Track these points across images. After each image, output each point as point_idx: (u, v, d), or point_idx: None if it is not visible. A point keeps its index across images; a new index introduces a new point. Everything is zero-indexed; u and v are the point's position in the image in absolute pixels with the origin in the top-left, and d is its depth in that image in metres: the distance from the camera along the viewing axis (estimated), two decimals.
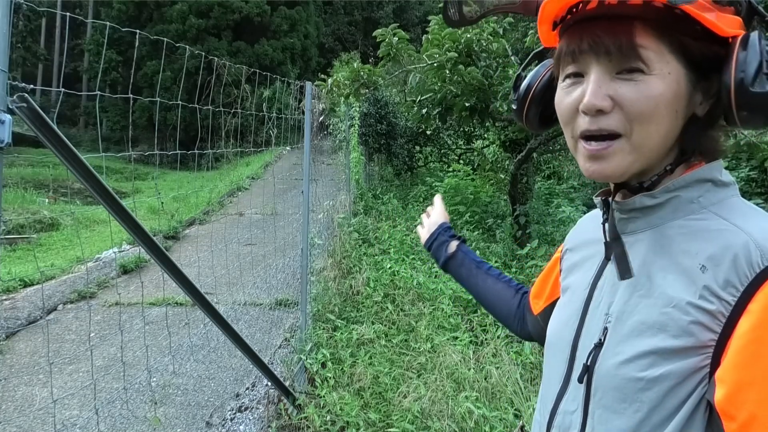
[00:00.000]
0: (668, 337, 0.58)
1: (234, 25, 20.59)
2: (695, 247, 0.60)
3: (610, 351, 0.63)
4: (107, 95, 1.96)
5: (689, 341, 0.57)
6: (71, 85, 27.46)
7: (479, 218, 6.42)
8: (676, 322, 0.58)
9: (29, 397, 3.27)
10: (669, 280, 0.61)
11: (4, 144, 1.13)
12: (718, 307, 0.56)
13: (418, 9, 29.45)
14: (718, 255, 0.58)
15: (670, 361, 0.58)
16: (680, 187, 0.63)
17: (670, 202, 0.64)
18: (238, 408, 3.13)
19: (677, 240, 0.62)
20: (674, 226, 0.64)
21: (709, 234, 0.60)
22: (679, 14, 0.58)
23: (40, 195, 11.03)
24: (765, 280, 0.54)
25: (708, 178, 0.63)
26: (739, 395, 0.53)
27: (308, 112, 3.46)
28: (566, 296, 0.79)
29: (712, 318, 0.56)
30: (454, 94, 4.89)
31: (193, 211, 8.76)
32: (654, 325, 0.60)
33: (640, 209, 0.66)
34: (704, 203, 0.63)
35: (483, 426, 2.56)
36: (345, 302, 4.20)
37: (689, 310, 0.57)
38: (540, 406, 0.78)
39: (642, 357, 0.60)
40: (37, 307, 4.65)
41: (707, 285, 0.57)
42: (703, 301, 0.57)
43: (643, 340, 0.60)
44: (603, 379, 0.64)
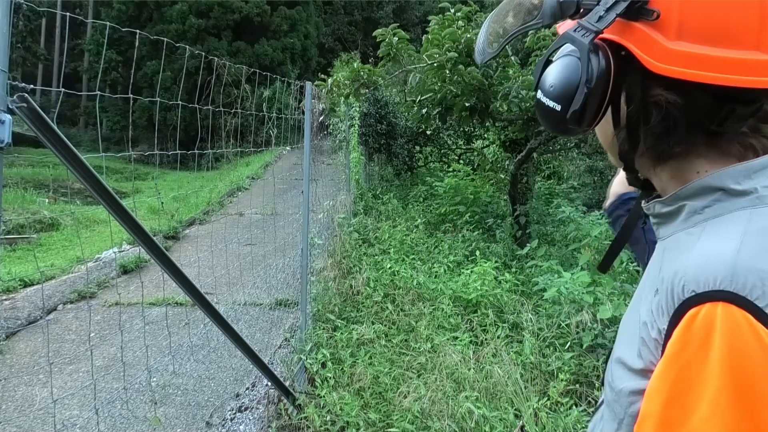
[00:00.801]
0: (633, 354, 0.58)
1: (234, 25, 20.59)
2: (666, 265, 0.58)
3: (610, 359, 0.65)
4: (107, 95, 1.97)
5: (640, 363, 0.56)
6: (71, 85, 27.45)
7: (479, 218, 6.42)
8: (637, 342, 0.57)
9: (29, 397, 3.27)
10: (645, 297, 0.60)
11: (4, 144, 1.13)
12: (656, 335, 0.54)
13: (418, 9, 29.45)
14: (665, 278, 0.55)
15: (631, 379, 0.57)
16: (687, 196, 0.59)
17: (681, 211, 0.60)
18: (238, 408, 3.13)
19: (668, 255, 0.60)
20: (675, 238, 0.60)
21: (676, 253, 0.58)
22: None
23: (40, 195, 11.03)
24: (682, 315, 0.51)
25: (717, 186, 0.56)
26: (640, 427, 0.52)
27: (308, 112, 3.46)
28: None
29: (654, 344, 0.55)
30: (454, 94, 4.89)
31: (193, 211, 8.76)
32: (630, 339, 0.60)
33: (658, 215, 0.64)
34: (709, 215, 0.57)
35: (483, 426, 2.56)
36: (345, 302, 4.20)
37: (642, 333, 0.57)
38: None
39: (615, 368, 0.61)
40: (37, 307, 4.65)
41: (652, 310, 0.56)
42: (650, 325, 0.56)
43: (619, 354, 0.61)
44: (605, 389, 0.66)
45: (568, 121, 0.58)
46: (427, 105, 5.52)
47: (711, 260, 0.51)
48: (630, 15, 0.55)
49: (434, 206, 7.05)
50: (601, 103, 0.57)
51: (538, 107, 0.62)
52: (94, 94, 1.75)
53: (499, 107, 4.75)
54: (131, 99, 2.04)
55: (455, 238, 5.75)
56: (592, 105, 0.56)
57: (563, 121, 0.58)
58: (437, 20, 4.91)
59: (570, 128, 0.59)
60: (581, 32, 0.57)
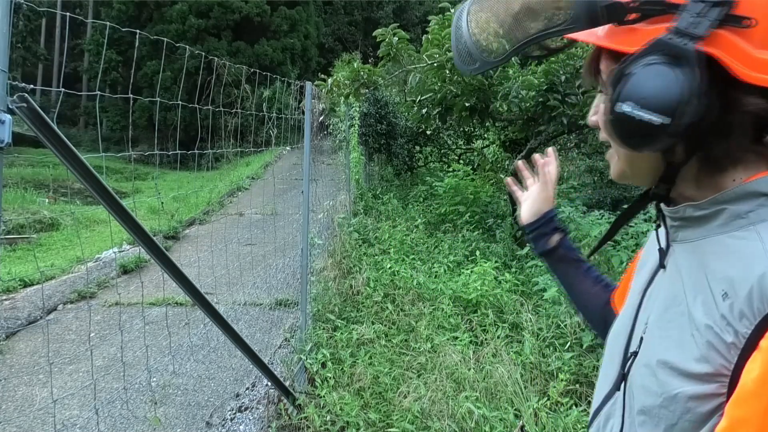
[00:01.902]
0: (689, 359, 0.57)
1: (234, 25, 20.60)
2: (722, 269, 0.58)
3: (641, 362, 0.64)
4: (107, 95, 1.97)
5: (706, 367, 0.55)
6: (71, 85, 27.46)
7: (479, 218, 6.42)
8: (698, 346, 0.56)
9: (29, 397, 3.27)
10: (698, 301, 0.59)
11: (4, 144, 1.13)
12: (733, 339, 0.54)
13: (418, 9, 29.45)
14: (737, 282, 0.55)
15: (688, 383, 0.57)
16: (729, 200, 0.59)
17: (719, 215, 0.60)
18: (238, 408, 3.13)
19: (713, 258, 0.60)
20: (715, 242, 0.60)
21: (739, 257, 0.57)
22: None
23: (40, 195, 11.04)
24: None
25: (763, 191, 0.58)
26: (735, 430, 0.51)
27: (308, 112, 3.47)
28: (626, 301, 0.79)
29: (727, 348, 0.54)
30: (454, 94, 4.89)
31: (193, 211, 8.76)
32: (679, 344, 0.59)
33: (688, 219, 0.64)
34: (754, 219, 0.58)
35: (483, 426, 2.56)
36: (345, 302, 4.19)
37: (708, 336, 0.56)
38: (593, 402, 0.79)
39: (662, 372, 0.59)
40: (37, 307, 4.65)
41: (724, 314, 0.55)
42: (720, 330, 0.55)
43: (666, 357, 0.60)
44: (633, 390, 0.64)
45: (668, 134, 0.54)
46: (427, 105, 5.52)
47: None
48: (718, 22, 0.53)
49: (434, 206, 7.05)
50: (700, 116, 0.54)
51: (619, 121, 0.56)
52: (94, 94, 1.75)
53: (499, 107, 4.75)
54: (131, 99, 2.04)
55: (455, 238, 5.75)
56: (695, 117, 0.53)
57: (660, 135, 0.55)
58: (437, 20, 4.91)
59: (663, 141, 0.56)
60: (679, 39, 0.53)
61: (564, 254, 1.01)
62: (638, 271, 0.80)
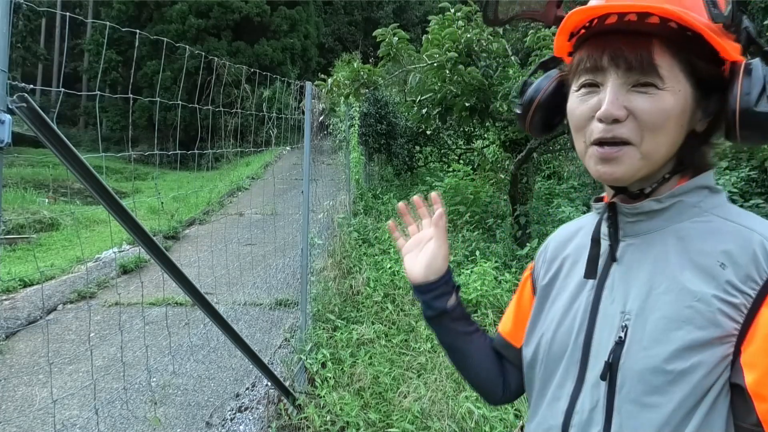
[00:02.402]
0: (694, 329, 0.63)
1: (234, 25, 20.59)
2: (709, 246, 0.66)
3: (635, 347, 0.66)
4: (107, 95, 1.97)
5: (716, 332, 0.62)
6: (71, 85, 27.46)
7: (479, 218, 6.42)
8: (703, 315, 0.63)
9: (29, 397, 3.27)
10: (688, 277, 0.66)
11: (4, 144, 1.13)
12: (741, 300, 0.62)
13: (418, 9, 29.44)
14: (736, 252, 0.64)
15: (698, 352, 0.62)
16: (683, 193, 0.70)
17: (674, 207, 0.70)
18: (238, 408, 3.13)
19: (688, 240, 0.68)
20: (683, 228, 0.70)
21: (721, 234, 0.67)
22: (691, 36, 0.64)
23: (40, 195, 11.04)
24: None
25: (705, 185, 0.71)
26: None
27: (308, 112, 3.47)
28: (561, 302, 0.80)
29: (735, 309, 0.62)
30: (454, 94, 4.89)
31: (193, 211, 8.76)
32: (679, 318, 0.64)
33: (647, 213, 0.71)
34: (705, 207, 0.70)
35: (483, 426, 2.56)
36: (345, 302, 4.19)
37: (714, 303, 0.63)
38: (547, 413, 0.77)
39: (670, 350, 0.63)
40: (37, 307, 4.65)
41: (729, 280, 0.63)
42: (727, 294, 0.62)
43: (669, 335, 0.64)
44: (629, 375, 0.66)
45: None
46: (427, 105, 5.52)
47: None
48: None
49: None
50: None
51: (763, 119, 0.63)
52: (94, 94, 1.75)
53: (499, 107, 4.75)
54: (131, 99, 2.04)
55: (455, 238, 5.75)
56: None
57: None
58: (437, 20, 4.91)
59: None
60: None
61: (461, 311, 0.93)
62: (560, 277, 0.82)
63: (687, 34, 0.64)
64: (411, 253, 0.94)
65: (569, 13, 0.69)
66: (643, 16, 0.64)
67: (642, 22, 0.64)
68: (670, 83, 0.65)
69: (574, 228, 0.87)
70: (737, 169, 6.94)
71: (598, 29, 0.68)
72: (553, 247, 0.88)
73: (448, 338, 0.94)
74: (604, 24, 0.67)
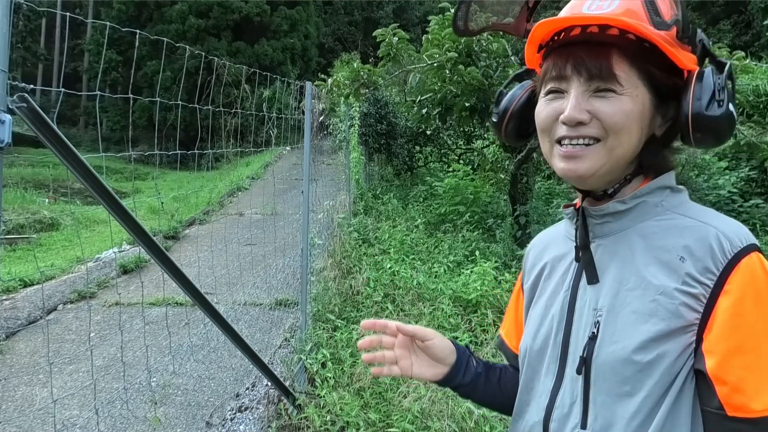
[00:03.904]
0: (659, 321, 0.67)
1: (234, 25, 20.59)
2: (670, 242, 0.71)
3: (607, 341, 0.71)
4: (107, 95, 1.97)
5: (678, 322, 0.66)
6: (71, 85, 27.45)
7: (479, 218, 6.42)
8: (666, 307, 0.67)
9: (29, 397, 3.27)
10: (652, 272, 0.70)
11: (4, 144, 1.13)
12: (700, 290, 0.66)
13: (418, 9, 29.44)
14: (694, 246, 0.68)
15: (663, 343, 0.67)
16: (646, 194, 0.74)
17: (638, 207, 0.74)
18: (238, 408, 3.13)
19: (653, 238, 0.72)
20: (647, 226, 0.74)
21: (681, 230, 0.71)
22: (648, 47, 0.69)
23: (40, 195, 11.04)
24: (736, 265, 0.65)
25: (667, 185, 0.75)
26: (728, 362, 0.63)
27: (308, 112, 3.46)
28: (541, 304, 0.85)
29: (695, 300, 0.66)
30: (454, 94, 4.89)
31: (193, 211, 8.76)
32: (645, 312, 0.68)
33: (613, 214, 0.75)
34: (667, 206, 0.74)
35: (483, 426, 2.56)
36: (345, 302, 4.19)
37: (676, 295, 0.67)
38: (530, 410, 0.82)
39: (638, 342, 0.68)
40: (37, 307, 4.65)
41: (689, 272, 0.67)
42: (687, 286, 0.67)
43: (637, 328, 0.69)
44: (602, 368, 0.71)
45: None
46: (427, 105, 5.52)
47: (733, 226, 0.69)
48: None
49: (434, 206, 7.05)
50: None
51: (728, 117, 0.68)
52: (94, 94, 1.75)
53: None
54: (131, 99, 2.04)
55: (455, 238, 5.75)
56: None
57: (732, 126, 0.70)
58: (437, 20, 4.91)
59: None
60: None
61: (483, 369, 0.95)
62: (541, 281, 0.87)
63: (645, 45, 0.69)
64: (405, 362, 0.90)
65: (536, 25, 0.73)
66: (604, 28, 0.70)
67: (603, 34, 0.70)
68: (629, 89, 0.70)
69: (552, 234, 0.92)
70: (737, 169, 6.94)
71: (564, 41, 0.73)
72: (533, 255, 0.94)
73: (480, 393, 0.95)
74: (569, 36, 0.72)
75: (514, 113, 0.86)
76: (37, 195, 10.94)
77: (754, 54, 17.15)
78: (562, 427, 0.75)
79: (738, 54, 4.62)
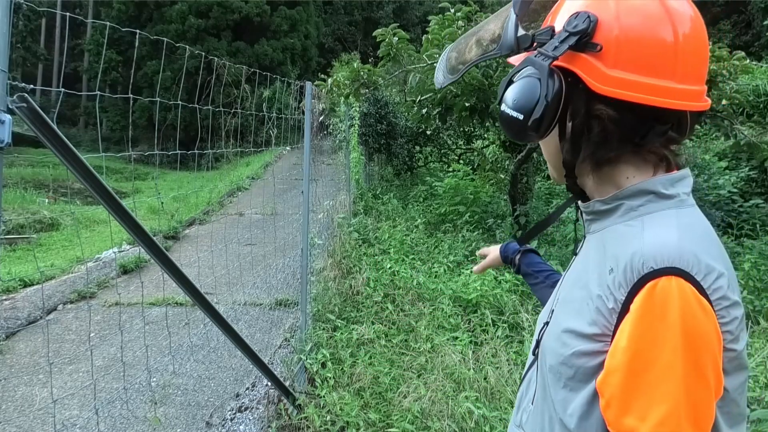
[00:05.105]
0: (584, 323, 0.70)
1: (234, 25, 20.58)
2: (612, 250, 0.72)
3: (550, 329, 0.79)
4: (107, 95, 1.97)
5: (594, 329, 0.69)
6: (71, 85, 27.43)
7: (479, 218, 6.42)
8: (590, 311, 0.70)
9: (29, 397, 3.27)
10: (594, 276, 0.73)
11: (4, 144, 1.13)
12: (613, 305, 0.67)
13: (418, 9, 29.43)
14: (620, 258, 0.68)
15: (582, 343, 0.70)
16: (625, 196, 0.74)
17: (618, 209, 0.75)
18: (238, 408, 3.13)
19: (608, 242, 0.74)
20: (615, 229, 0.75)
21: (623, 240, 0.71)
22: None
23: (40, 195, 11.04)
24: (642, 286, 0.64)
25: (651, 190, 0.73)
26: (607, 378, 0.66)
27: (308, 112, 3.46)
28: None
29: (609, 312, 0.67)
30: (454, 94, 4.89)
31: (193, 211, 8.76)
32: (578, 311, 0.72)
33: (596, 212, 0.78)
34: (642, 212, 0.73)
35: (483, 426, 2.56)
36: (345, 302, 4.19)
37: (597, 303, 0.69)
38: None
39: (565, 336, 0.73)
40: (37, 307, 4.65)
41: (608, 285, 0.68)
42: (605, 297, 0.68)
43: (568, 322, 0.73)
44: (544, 352, 0.79)
45: (528, 129, 0.71)
46: (427, 105, 5.52)
47: (662, 245, 0.66)
48: (578, 47, 0.70)
49: (434, 206, 7.05)
50: (554, 116, 0.71)
51: (502, 118, 0.75)
52: (94, 94, 1.75)
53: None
54: (131, 99, 2.04)
55: (455, 238, 5.75)
56: (548, 116, 0.70)
57: (524, 129, 0.72)
58: (437, 20, 4.91)
59: (529, 135, 0.72)
60: (540, 57, 0.71)
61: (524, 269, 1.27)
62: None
63: None
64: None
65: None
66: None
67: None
68: None
69: None
70: (737, 169, 6.94)
71: None
72: None
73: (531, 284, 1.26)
74: None
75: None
76: (37, 195, 10.94)
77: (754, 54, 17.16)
78: (523, 399, 0.87)
79: (738, 54, 4.62)
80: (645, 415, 0.61)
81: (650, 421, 0.61)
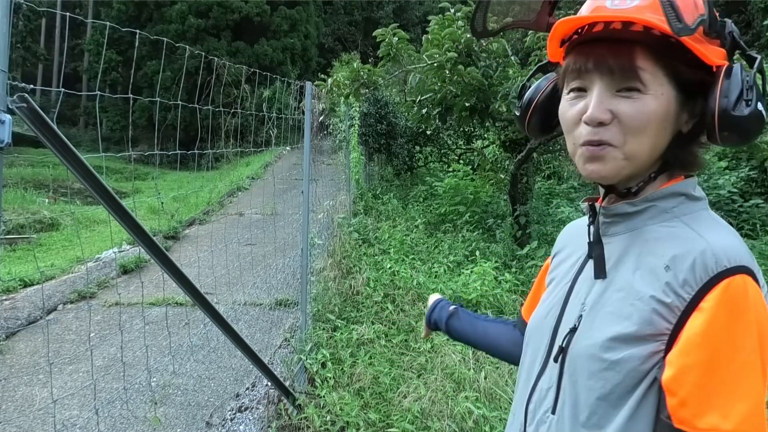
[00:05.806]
0: (630, 324, 0.68)
1: (233, 25, 20.57)
2: (662, 249, 0.70)
3: (583, 335, 0.74)
4: (107, 95, 1.97)
5: (648, 329, 0.67)
6: (71, 85, 27.44)
7: (479, 218, 6.42)
8: (640, 312, 0.68)
9: (29, 397, 3.27)
10: (637, 277, 0.70)
11: (4, 144, 1.13)
12: (675, 302, 0.66)
13: (418, 9, 29.43)
14: (680, 257, 0.67)
15: (630, 346, 0.67)
16: (657, 198, 0.73)
17: (647, 210, 0.74)
18: (238, 408, 3.13)
19: (649, 243, 0.72)
20: (649, 230, 0.73)
21: (676, 239, 0.70)
22: (674, 43, 0.67)
23: (40, 195, 11.03)
24: (716, 284, 0.64)
25: (682, 192, 0.73)
26: (681, 376, 0.63)
27: (308, 112, 3.46)
28: (549, 289, 0.89)
29: (669, 310, 0.66)
30: (454, 94, 4.89)
31: (193, 211, 8.76)
32: (621, 314, 0.70)
33: (622, 215, 0.76)
34: (677, 213, 0.73)
35: (483, 426, 2.56)
36: (345, 302, 4.19)
37: (651, 303, 0.67)
38: (520, 389, 0.88)
39: (608, 341, 0.69)
40: (37, 307, 4.65)
41: (669, 282, 0.67)
42: (664, 295, 0.67)
43: (610, 327, 0.70)
44: (574, 359, 0.74)
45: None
46: (427, 105, 5.52)
47: (730, 244, 0.67)
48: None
49: (434, 206, 7.05)
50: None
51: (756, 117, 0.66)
52: (94, 94, 1.75)
53: (499, 107, 4.75)
54: (131, 99, 2.04)
55: (455, 238, 5.75)
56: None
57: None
58: (437, 20, 4.90)
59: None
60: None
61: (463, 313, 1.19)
62: (558, 266, 0.91)
63: (670, 41, 0.67)
64: None
65: (556, 23, 0.72)
66: (628, 24, 0.68)
67: (626, 30, 0.68)
68: (653, 87, 0.68)
69: (579, 225, 0.93)
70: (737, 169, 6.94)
71: (586, 36, 0.72)
72: (560, 240, 0.97)
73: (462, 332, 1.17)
74: (592, 32, 0.71)
75: (538, 106, 0.86)
76: (37, 195, 10.93)
77: None
78: (538, 409, 0.80)
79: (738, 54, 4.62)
80: (728, 413, 0.61)
81: (734, 419, 0.60)
